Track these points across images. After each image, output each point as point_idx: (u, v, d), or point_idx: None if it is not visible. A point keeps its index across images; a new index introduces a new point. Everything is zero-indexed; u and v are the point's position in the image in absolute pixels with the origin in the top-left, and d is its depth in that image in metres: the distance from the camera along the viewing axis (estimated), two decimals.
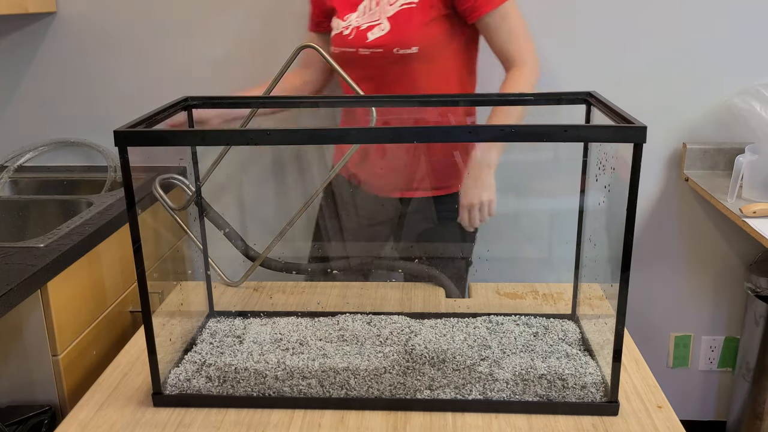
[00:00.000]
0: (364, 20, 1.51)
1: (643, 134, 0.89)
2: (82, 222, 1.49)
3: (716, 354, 2.11)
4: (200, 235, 1.34)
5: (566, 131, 0.91)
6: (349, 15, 1.54)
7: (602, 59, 1.86)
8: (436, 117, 1.37)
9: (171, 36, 1.90)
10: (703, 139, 1.91)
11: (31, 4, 1.78)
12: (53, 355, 1.33)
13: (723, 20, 1.82)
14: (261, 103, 1.37)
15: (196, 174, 1.31)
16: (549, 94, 1.22)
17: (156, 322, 1.05)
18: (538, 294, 1.43)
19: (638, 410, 1.05)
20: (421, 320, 1.27)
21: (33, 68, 1.95)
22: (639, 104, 1.40)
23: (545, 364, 1.10)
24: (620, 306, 0.98)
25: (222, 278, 1.48)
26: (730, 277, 2.03)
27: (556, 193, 1.78)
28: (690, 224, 1.99)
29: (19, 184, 1.92)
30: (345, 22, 1.54)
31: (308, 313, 1.31)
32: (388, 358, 1.13)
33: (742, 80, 1.80)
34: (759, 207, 1.58)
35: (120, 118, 1.05)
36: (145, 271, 1.01)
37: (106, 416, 1.06)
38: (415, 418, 1.03)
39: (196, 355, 1.16)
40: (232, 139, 1.12)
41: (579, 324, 1.26)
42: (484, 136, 1.00)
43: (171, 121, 1.17)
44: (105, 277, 1.51)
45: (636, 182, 0.92)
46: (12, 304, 1.19)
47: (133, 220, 0.99)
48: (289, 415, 1.05)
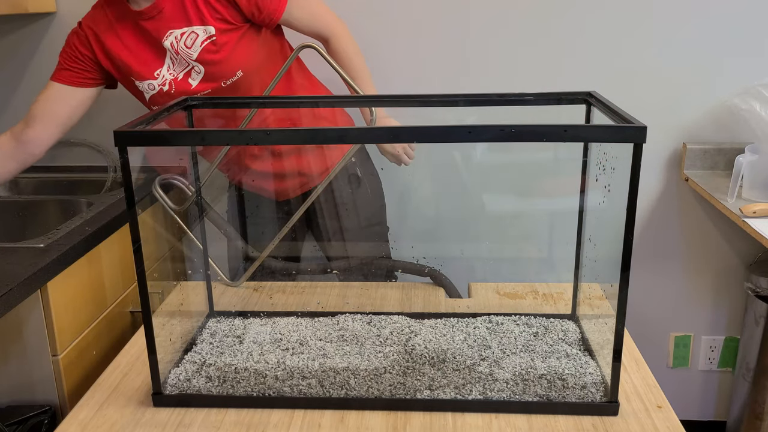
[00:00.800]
0: (176, 71, 1.47)
1: (643, 134, 0.89)
2: (82, 222, 1.49)
3: (716, 354, 2.11)
4: (200, 235, 1.34)
5: (566, 131, 0.91)
6: (158, 71, 1.48)
7: (602, 59, 1.87)
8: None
9: None
10: (703, 139, 1.91)
11: (31, 4, 1.78)
12: (53, 355, 1.33)
13: (723, 20, 1.82)
14: (261, 103, 1.37)
15: (196, 174, 1.31)
16: (549, 94, 1.22)
17: (156, 322, 1.05)
18: (538, 294, 1.43)
19: (638, 410, 1.05)
20: (421, 320, 1.26)
21: (33, 68, 1.95)
22: (639, 104, 1.41)
23: (545, 364, 1.10)
24: (620, 306, 0.98)
25: (222, 278, 1.48)
26: (730, 277, 2.03)
27: (556, 193, 1.78)
28: (690, 224, 1.99)
29: (19, 184, 1.92)
30: (159, 80, 1.48)
31: (308, 313, 1.31)
32: (388, 358, 1.13)
33: (742, 80, 1.80)
34: (759, 207, 1.58)
35: (120, 118, 1.05)
36: (145, 271, 1.01)
37: (106, 416, 1.06)
38: (415, 418, 1.03)
39: (196, 355, 1.16)
40: (232, 139, 1.12)
41: (579, 324, 1.26)
42: (484, 136, 1.00)
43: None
44: (105, 277, 1.51)
45: (636, 182, 0.92)
46: (12, 304, 1.19)
47: (133, 220, 0.99)
48: (289, 415, 1.05)
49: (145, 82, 1.48)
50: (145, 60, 1.48)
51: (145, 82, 1.48)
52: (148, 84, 1.48)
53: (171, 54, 1.45)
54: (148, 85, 1.48)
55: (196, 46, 1.43)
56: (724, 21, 1.82)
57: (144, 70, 1.48)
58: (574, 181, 1.22)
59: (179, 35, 1.44)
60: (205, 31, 1.43)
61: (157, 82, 1.48)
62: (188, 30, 1.43)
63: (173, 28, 1.44)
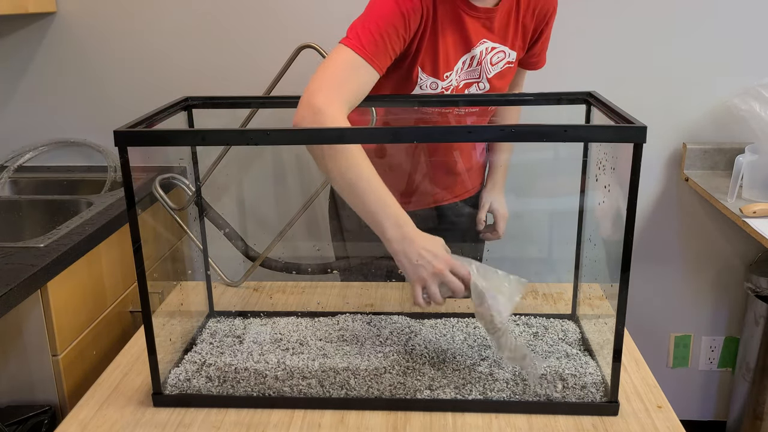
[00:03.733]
0: (461, 78, 1.33)
1: (643, 134, 0.89)
2: (82, 222, 1.49)
3: (716, 354, 2.11)
4: (200, 235, 1.34)
5: (566, 131, 0.91)
6: (449, 73, 1.31)
7: (602, 59, 1.87)
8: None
9: (171, 36, 1.90)
10: (703, 139, 1.91)
11: (31, 4, 1.78)
12: (53, 355, 1.33)
13: (723, 20, 1.82)
14: (261, 103, 1.37)
15: (196, 174, 1.31)
16: (549, 94, 1.23)
17: (156, 322, 1.05)
18: (538, 294, 1.43)
19: (638, 410, 1.05)
20: (421, 320, 1.26)
21: (33, 68, 1.95)
22: (639, 104, 1.40)
23: (545, 364, 1.10)
24: (620, 306, 0.98)
25: (222, 278, 1.48)
26: (730, 277, 2.03)
27: (556, 193, 1.78)
28: (690, 224, 1.99)
29: (19, 184, 1.92)
30: (445, 83, 1.30)
31: (308, 313, 1.31)
32: (388, 358, 1.13)
33: (742, 80, 1.80)
34: (759, 207, 1.58)
35: (120, 118, 1.05)
36: (145, 271, 1.01)
37: (106, 416, 1.06)
38: (415, 418, 1.03)
39: (196, 355, 1.16)
40: (232, 139, 1.12)
41: (579, 324, 1.26)
42: (484, 136, 1.00)
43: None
44: (105, 277, 1.51)
45: (636, 182, 0.92)
46: (12, 304, 1.19)
47: (133, 220, 0.99)
48: (289, 415, 1.05)
49: (430, 78, 1.30)
50: (447, 56, 1.30)
51: (430, 78, 1.30)
52: (432, 82, 1.30)
53: (469, 60, 1.32)
54: (431, 83, 1.30)
55: (498, 66, 1.35)
56: (724, 21, 1.82)
57: (443, 66, 1.30)
58: (574, 181, 1.22)
59: (490, 48, 1.32)
60: (509, 54, 1.36)
61: (443, 84, 1.31)
62: (500, 47, 1.34)
63: (488, 38, 1.32)
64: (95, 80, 1.95)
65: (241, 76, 1.91)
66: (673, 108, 1.89)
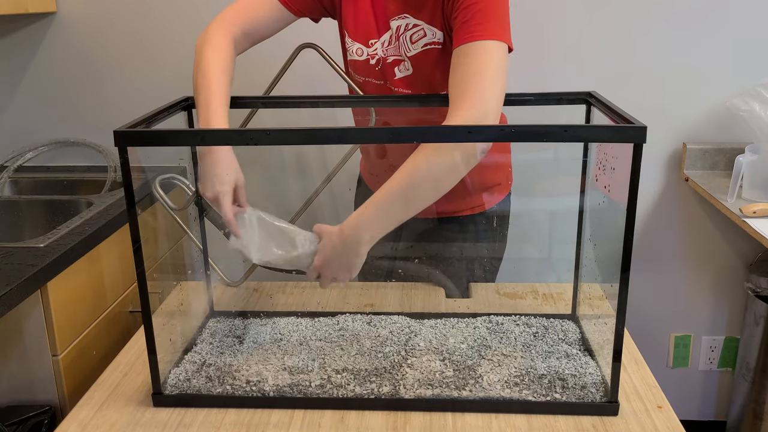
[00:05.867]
0: (390, 53, 1.30)
1: (643, 134, 0.89)
2: (82, 222, 1.49)
3: (716, 354, 2.11)
4: (200, 235, 1.34)
5: (566, 131, 0.91)
6: (374, 41, 1.30)
7: (602, 59, 1.87)
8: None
9: (171, 36, 1.90)
10: (703, 139, 1.91)
11: (31, 4, 1.78)
12: (53, 355, 1.33)
13: (723, 21, 1.82)
14: (261, 104, 1.37)
15: (196, 174, 1.31)
16: (549, 94, 1.22)
17: (156, 322, 1.05)
18: (538, 294, 1.43)
19: (638, 410, 1.05)
20: (421, 320, 1.27)
21: (33, 68, 1.95)
22: (639, 104, 1.40)
23: (545, 364, 1.10)
24: (620, 306, 0.98)
25: (222, 278, 1.48)
26: (730, 277, 2.03)
27: (556, 193, 1.78)
28: (690, 224, 1.99)
29: (19, 184, 1.92)
30: (371, 49, 1.31)
31: (308, 313, 1.31)
32: (388, 358, 1.13)
33: (742, 81, 1.80)
34: (759, 207, 1.58)
35: (120, 118, 1.05)
36: (145, 271, 1.01)
37: (106, 416, 1.06)
38: (415, 418, 1.03)
39: (196, 355, 1.16)
40: (232, 139, 1.12)
41: (579, 324, 1.26)
42: (484, 136, 1.00)
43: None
44: (105, 277, 1.51)
45: (636, 182, 0.92)
46: (12, 304, 1.19)
47: (133, 220, 0.99)
48: (289, 415, 1.05)
49: (356, 44, 1.32)
50: (368, 21, 1.29)
51: (356, 44, 1.32)
52: (357, 48, 1.32)
53: (395, 33, 1.27)
54: (357, 49, 1.32)
55: (418, 45, 1.26)
56: (725, 21, 1.82)
57: (365, 31, 1.30)
58: (574, 181, 1.22)
59: (412, 25, 1.26)
60: (434, 34, 1.24)
61: (369, 51, 1.31)
62: (422, 25, 1.25)
63: (410, 14, 1.26)
64: (95, 80, 1.95)
65: (240, 76, 1.90)
66: (673, 108, 1.89)
